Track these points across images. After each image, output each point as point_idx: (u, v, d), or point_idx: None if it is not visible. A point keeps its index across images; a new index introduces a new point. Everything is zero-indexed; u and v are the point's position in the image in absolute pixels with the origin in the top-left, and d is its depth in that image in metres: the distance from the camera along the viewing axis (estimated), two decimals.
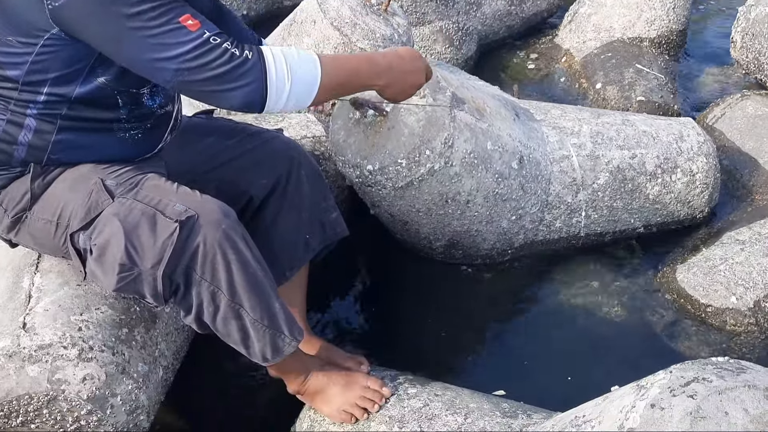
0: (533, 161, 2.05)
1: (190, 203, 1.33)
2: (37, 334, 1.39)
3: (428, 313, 1.97)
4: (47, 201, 1.38)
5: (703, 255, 1.97)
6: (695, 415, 0.87)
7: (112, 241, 1.29)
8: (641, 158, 2.13)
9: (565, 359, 1.82)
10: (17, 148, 1.38)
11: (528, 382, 1.74)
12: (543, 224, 2.09)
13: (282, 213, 1.66)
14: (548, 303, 2.01)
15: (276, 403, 1.71)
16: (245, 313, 1.34)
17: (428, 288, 2.03)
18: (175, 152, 1.59)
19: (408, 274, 2.08)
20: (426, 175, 1.86)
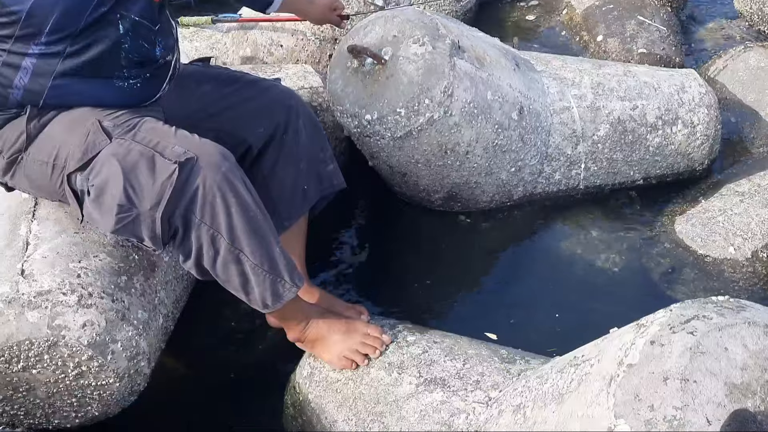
0: (533, 112, 2.03)
1: (189, 145, 1.31)
2: (35, 281, 1.38)
3: (427, 263, 1.97)
4: (43, 142, 1.37)
5: (702, 206, 1.96)
6: (695, 351, 0.88)
7: (111, 182, 1.28)
8: (642, 109, 2.11)
9: (563, 307, 1.82)
10: (13, 91, 1.36)
11: (527, 330, 1.75)
12: (542, 176, 2.08)
13: (280, 163, 1.64)
14: (546, 252, 2.01)
15: (276, 352, 1.72)
16: (245, 257, 1.34)
17: (427, 238, 2.03)
18: (172, 100, 1.56)
19: (406, 225, 2.08)
20: (425, 125, 1.84)
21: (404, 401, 1.39)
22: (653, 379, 0.87)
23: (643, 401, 0.86)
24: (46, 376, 1.39)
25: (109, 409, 1.46)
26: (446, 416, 1.32)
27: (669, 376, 0.86)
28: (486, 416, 1.25)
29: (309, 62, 2.38)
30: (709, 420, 0.83)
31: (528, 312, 1.82)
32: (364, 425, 1.40)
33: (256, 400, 1.68)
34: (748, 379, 0.86)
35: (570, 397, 0.98)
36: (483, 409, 1.28)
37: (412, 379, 1.43)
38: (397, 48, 1.84)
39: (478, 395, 1.33)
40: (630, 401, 0.87)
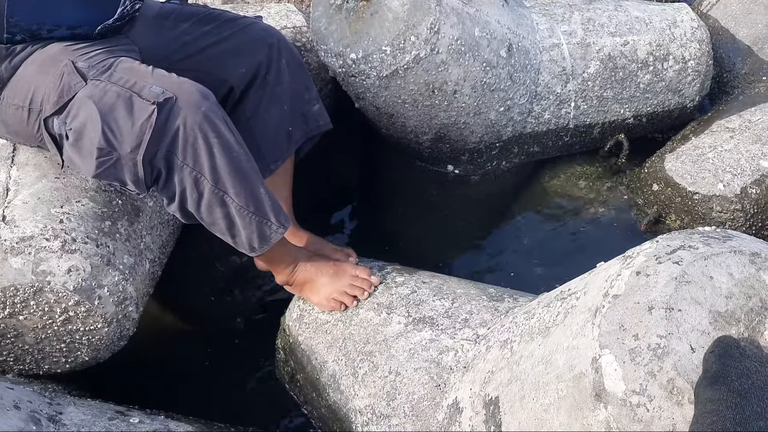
0: (522, 50, 1.99)
1: (167, 85, 1.28)
2: (17, 227, 1.36)
3: (414, 213, 1.96)
4: (17, 85, 1.33)
5: (692, 143, 1.95)
6: (680, 280, 0.88)
7: (88, 125, 1.25)
8: (633, 45, 2.07)
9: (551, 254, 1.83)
10: None
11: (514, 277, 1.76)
12: (531, 116, 2.05)
13: (263, 104, 1.61)
14: (535, 204, 2.01)
15: (266, 296, 1.72)
16: (230, 199, 1.32)
17: (414, 188, 2.02)
18: (149, 39, 1.52)
19: (394, 174, 2.06)
20: (411, 63, 1.80)
21: (393, 340, 1.40)
22: (638, 309, 0.87)
23: (628, 331, 0.86)
24: (34, 322, 1.39)
25: (99, 353, 1.46)
26: (435, 354, 1.33)
27: (654, 306, 0.86)
28: (474, 353, 1.26)
29: (292, 1, 2.31)
30: (693, 347, 0.83)
31: (515, 259, 1.83)
32: (354, 365, 1.41)
33: (247, 345, 1.69)
34: (733, 307, 0.86)
35: (556, 330, 0.98)
36: (471, 346, 1.29)
37: (401, 319, 1.43)
38: None
39: (466, 333, 1.34)
40: (615, 331, 0.87)
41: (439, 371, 1.30)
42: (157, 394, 1.58)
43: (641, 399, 0.82)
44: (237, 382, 1.62)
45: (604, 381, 0.85)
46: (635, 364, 0.84)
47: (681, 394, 0.81)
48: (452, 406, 1.23)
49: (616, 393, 0.84)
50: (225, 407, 1.58)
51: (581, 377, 0.88)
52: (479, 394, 1.14)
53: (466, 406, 1.17)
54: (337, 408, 1.43)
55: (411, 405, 1.32)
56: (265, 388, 1.63)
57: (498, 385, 1.08)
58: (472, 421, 1.13)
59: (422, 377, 1.32)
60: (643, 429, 0.81)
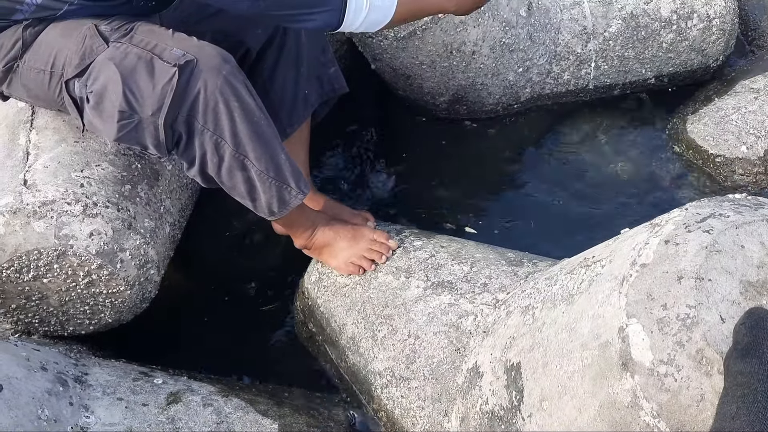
0: (542, 8, 1.94)
1: (188, 48, 1.26)
2: (39, 191, 1.37)
3: (432, 170, 1.95)
4: (39, 48, 1.32)
5: (715, 105, 1.91)
6: (710, 249, 0.87)
7: (110, 87, 1.24)
8: (656, 3, 2.01)
9: (570, 213, 1.81)
10: (22, 8, 1.30)
11: (534, 235, 1.75)
12: (550, 76, 2.02)
13: (279, 66, 1.59)
14: (554, 158, 1.98)
15: (284, 259, 1.73)
16: (250, 163, 1.31)
17: (431, 144, 2.00)
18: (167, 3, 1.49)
19: (411, 131, 2.04)
20: (429, 23, 1.77)
21: (412, 304, 1.41)
22: (667, 278, 0.87)
23: (656, 300, 0.86)
24: (57, 285, 1.40)
25: (122, 316, 1.48)
26: (454, 318, 1.34)
27: (683, 275, 0.86)
28: (494, 317, 1.27)
29: None
30: (723, 318, 0.83)
31: (535, 217, 1.81)
32: (373, 328, 1.43)
33: (266, 307, 1.70)
34: (765, 277, 0.86)
35: (580, 297, 0.98)
36: (491, 311, 1.29)
37: (419, 283, 1.44)
38: None
39: (485, 297, 1.34)
40: (642, 300, 0.87)
41: (459, 335, 1.31)
42: (179, 354, 1.60)
43: (669, 369, 0.82)
44: (256, 341, 1.64)
45: (631, 350, 0.85)
46: (663, 333, 0.84)
47: (710, 365, 0.81)
48: (472, 370, 1.24)
49: (644, 362, 0.84)
50: (245, 366, 1.60)
51: (607, 346, 0.88)
52: (500, 359, 1.14)
53: (487, 371, 1.18)
54: (356, 370, 1.45)
55: (431, 368, 1.33)
56: (285, 347, 1.65)
57: (520, 351, 1.09)
58: (493, 386, 1.14)
59: (441, 341, 1.33)
60: (670, 398, 0.82)
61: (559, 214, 1.82)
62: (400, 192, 1.91)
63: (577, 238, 1.67)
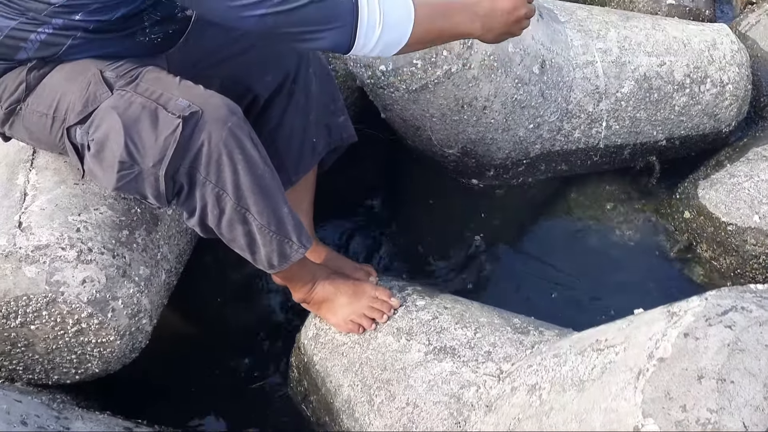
0: (555, 66, 1.93)
1: (194, 98, 1.23)
2: (33, 234, 1.33)
3: (437, 227, 1.92)
4: (43, 92, 1.29)
5: (727, 171, 1.88)
6: (733, 348, 0.82)
7: (111, 137, 1.21)
8: (670, 66, 2.00)
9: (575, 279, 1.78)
10: (25, 46, 1.27)
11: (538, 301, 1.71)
12: (561, 134, 1.99)
13: (288, 113, 1.56)
14: (560, 222, 1.95)
15: (282, 310, 1.68)
16: (252, 217, 1.27)
17: (438, 201, 1.97)
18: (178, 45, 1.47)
19: (418, 185, 2.01)
20: (442, 78, 1.74)
21: (412, 369, 1.36)
22: (686, 376, 0.82)
23: (675, 400, 0.81)
24: (45, 332, 1.35)
25: (109, 366, 1.42)
26: (456, 388, 1.29)
27: (704, 375, 0.81)
28: (498, 391, 1.21)
29: None
30: (746, 425, 0.78)
31: (539, 282, 1.78)
32: (370, 392, 1.37)
33: (261, 360, 1.65)
34: None
35: (592, 385, 0.94)
36: (494, 383, 1.24)
37: (421, 347, 1.39)
38: None
39: (489, 367, 1.29)
40: (660, 399, 0.82)
41: (460, 407, 1.26)
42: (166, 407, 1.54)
43: None
44: (249, 397, 1.59)
45: None
46: None
47: None
48: None
49: None
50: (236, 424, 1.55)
51: None
52: None
53: None
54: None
55: None
56: (278, 404, 1.60)
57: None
58: None
59: (441, 412, 1.28)
60: None
61: (564, 278, 1.78)
62: (404, 245, 1.88)
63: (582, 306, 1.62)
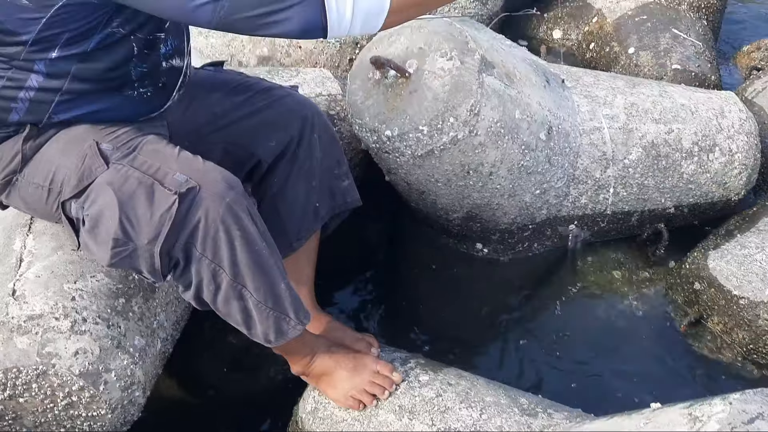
0: (562, 132, 1.92)
1: (192, 172, 1.21)
2: (27, 303, 1.29)
3: (441, 294, 1.88)
4: (39, 164, 1.27)
5: (738, 242, 1.85)
6: None
7: (106, 213, 1.18)
8: (678, 134, 1.99)
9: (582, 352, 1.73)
10: (16, 106, 1.26)
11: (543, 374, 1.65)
12: (568, 200, 1.97)
13: (291, 179, 1.54)
14: (566, 292, 1.90)
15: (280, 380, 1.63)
16: (248, 293, 1.24)
17: (442, 267, 1.93)
18: (180, 110, 1.47)
19: (422, 250, 1.98)
20: (448, 144, 1.73)
21: None
22: None
23: None
24: (34, 405, 1.30)
25: None
26: None
27: None
28: None
29: (328, 66, 2.27)
30: None
31: (545, 354, 1.72)
32: None
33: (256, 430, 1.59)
34: None
35: None
36: None
37: (423, 427, 1.33)
38: (422, 61, 1.72)
39: None
40: None
41: None
42: None
43: None
44: None
45: None
46: None
47: None
48: None
49: None
50: None
51: None
52: None
53: None
54: None
55: None
56: None
57: None
58: None
59: None
60: None
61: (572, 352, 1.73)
62: (407, 314, 1.83)
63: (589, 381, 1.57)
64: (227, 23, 1.12)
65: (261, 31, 1.14)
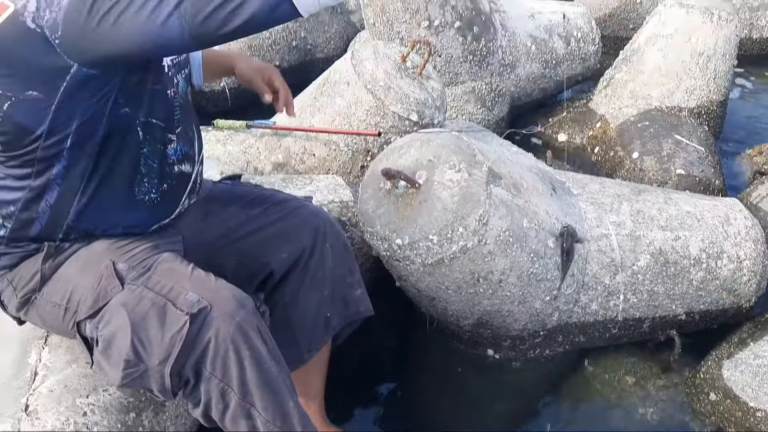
0: None
1: (204, 291, 1.24)
2: (39, 419, 1.30)
3: (451, 400, 1.86)
4: (57, 283, 1.31)
5: (752, 351, 1.83)
6: None
7: (119, 335, 1.21)
8: (685, 241, 2.01)
9: None
10: (38, 216, 1.30)
11: None
12: (578, 306, 1.98)
13: (303, 289, 1.57)
14: (578, 399, 1.88)
15: None
16: (256, 412, 1.24)
17: (453, 372, 1.92)
18: (196, 224, 1.51)
19: (432, 355, 1.97)
20: (458, 253, 1.76)
21: None
22: None
23: None
24: None
25: None
26: None
27: None
28: None
29: (340, 172, 2.35)
30: None
31: None
32: None
33: None
34: None
35: None
36: None
37: None
38: (432, 172, 1.79)
39: None
40: None
41: None
42: None
43: None
44: None
45: None
46: None
47: None
48: None
49: None
50: None
51: None
52: None
53: None
54: None
55: None
56: None
57: None
58: None
59: None
60: None
61: None
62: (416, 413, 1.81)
63: None
64: (199, 29, 1.10)
65: (232, 23, 1.09)
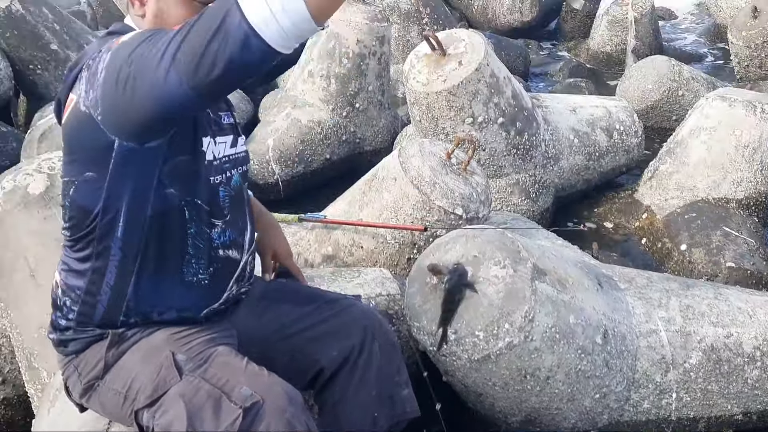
0: (618, 335, 1.93)
1: (257, 386, 1.29)
2: None
3: None
4: (120, 371, 1.38)
5: None
6: None
7: (175, 424, 1.26)
8: (737, 338, 1.98)
9: None
10: (101, 299, 1.39)
11: None
12: (629, 404, 1.94)
13: (352, 388, 1.59)
14: None
15: None
16: None
17: None
18: (250, 320, 1.57)
19: None
20: (504, 350, 1.77)
21: None
22: None
23: None
24: None
25: None
26: None
27: None
28: None
29: (387, 264, 2.40)
30: None
31: None
32: None
33: None
34: None
35: None
36: None
37: None
38: (477, 269, 1.82)
39: None
40: None
41: None
42: None
43: None
44: None
45: None
46: None
47: None
48: None
49: None
50: None
51: None
52: None
53: None
54: None
55: None
56: None
57: None
58: None
59: None
60: None
61: None
62: None
63: None
64: (194, 79, 1.12)
65: (217, 68, 1.10)
